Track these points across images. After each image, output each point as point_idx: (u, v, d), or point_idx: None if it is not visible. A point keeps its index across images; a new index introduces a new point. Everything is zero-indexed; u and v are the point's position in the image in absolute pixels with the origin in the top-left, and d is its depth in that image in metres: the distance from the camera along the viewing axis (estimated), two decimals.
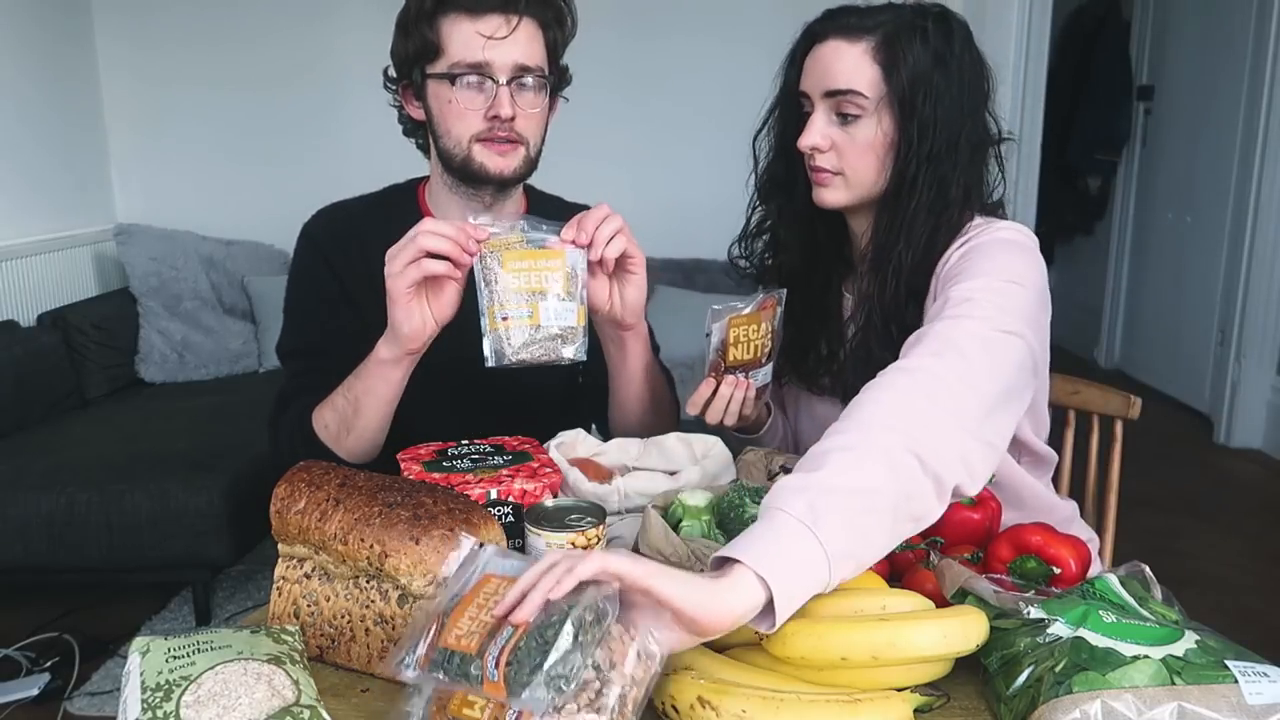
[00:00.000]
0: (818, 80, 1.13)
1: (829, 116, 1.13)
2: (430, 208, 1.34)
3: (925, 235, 1.13)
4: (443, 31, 1.20)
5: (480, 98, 1.21)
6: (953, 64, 1.11)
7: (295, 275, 1.36)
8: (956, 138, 1.11)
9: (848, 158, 1.14)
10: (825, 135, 1.13)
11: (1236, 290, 3.82)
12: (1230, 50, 3.89)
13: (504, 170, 1.24)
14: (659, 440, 1.21)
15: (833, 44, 1.12)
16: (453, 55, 1.20)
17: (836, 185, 1.16)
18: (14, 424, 2.79)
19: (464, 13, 1.19)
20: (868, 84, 1.10)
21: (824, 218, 1.22)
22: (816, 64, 1.14)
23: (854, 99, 1.11)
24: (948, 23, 1.13)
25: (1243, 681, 0.72)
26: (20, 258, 3.20)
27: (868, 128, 1.12)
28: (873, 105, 1.11)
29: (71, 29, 3.55)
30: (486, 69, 1.19)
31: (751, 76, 4.19)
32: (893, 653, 0.77)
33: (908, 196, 1.12)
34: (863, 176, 1.14)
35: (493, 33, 1.18)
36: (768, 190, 1.27)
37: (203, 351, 3.38)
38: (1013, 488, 1.22)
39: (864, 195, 1.16)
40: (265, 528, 0.92)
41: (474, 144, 1.23)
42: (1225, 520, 3.24)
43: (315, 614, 0.89)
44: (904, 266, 1.13)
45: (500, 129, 1.22)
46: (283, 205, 2.85)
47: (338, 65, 3.65)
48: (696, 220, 3.70)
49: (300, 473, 0.91)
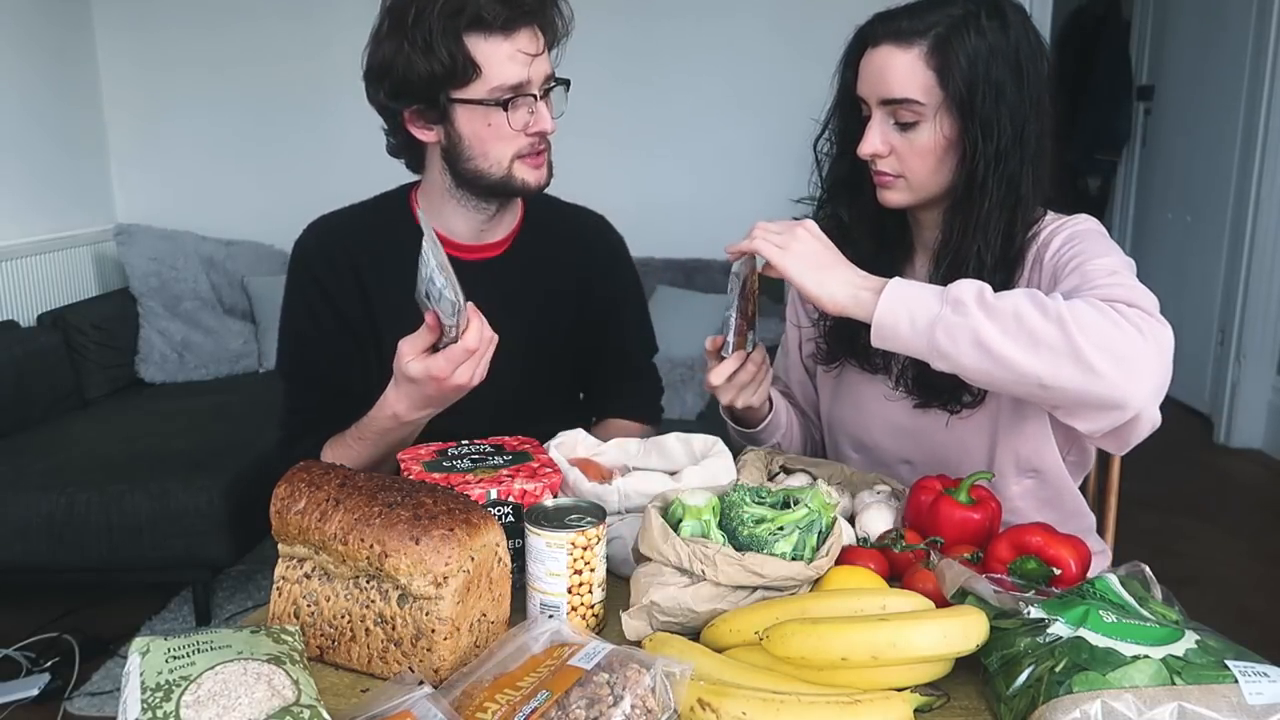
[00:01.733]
0: (873, 88, 1.13)
1: (887, 122, 1.13)
2: (427, 215, 1.33)
3: (1000, 234, 1.14)
4: (475, 52, 1.14)
5: (525, 117, 1.20)
6: (1011, 55, 1.10)
7: (288, 297, 1.35)
8: (1021, 129, 1.11)
9: (908, 162, 1.14)
10: (884, 142, 1.14)
11: (1236, 290, 3.82)
12: (1230, 50, 3.89)
13: (542, 181, 1.26)
14: (659, 440, 1.21)
15: (885, 50, 1.11)
16: (493, 78, 1.15)
17: (899, 188, 1.17)
18: (14, 424, 2.79)
19: (498, 32, 1.14)
20: (923, 91, 1.10)
21: (892, 211, 1.23)
22: (871, 70, 1.13)
23: (910, 107, 1.11)
24: (1002, 12, 1.11)
25: (1243, 681, 0.72)
26: (20, 258, 3.20)
27: (926, 133, 1.12)
28: (930, 111, 1.10)
29: (72, 29, 3.56)
30: (528, 86, 1.18)
31: (753, 76, 4.20)
32: (893, 653, 0.77)
33: (980, 197, 1.12)
34: (924, 179, 1.15)
35: (528, 49, 1.16)
36: (834, 190, 1.27)
37: (203, 351, 3.38)
38: (1054, 484, 1.24)
39: (927, 195, 1.17)
40: (265, 528, 0.92)
41: (515, 162, 1.22)
42: (1225, 520, 3.24)
43: (315, 614, 0.89)
44: (985, 265, 1.14)
45: (541, 143, 1.22)
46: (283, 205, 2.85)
47: (338, 65, 3.61)
48: (696, 220, 3.70)
49: (300, 473, 0.91)
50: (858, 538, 1.09)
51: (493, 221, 1.32)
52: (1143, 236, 4.73)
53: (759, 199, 3.68)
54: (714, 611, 0.90)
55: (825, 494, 0.97)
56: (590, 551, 0.90)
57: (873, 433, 1.30)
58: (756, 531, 0.91)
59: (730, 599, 0.90)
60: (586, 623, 0.92)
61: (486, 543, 0.87)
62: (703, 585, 0.90)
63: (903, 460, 1.30)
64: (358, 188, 1.44)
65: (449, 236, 1.32)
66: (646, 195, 3.58)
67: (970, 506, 1.06)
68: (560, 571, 0.90)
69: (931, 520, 1.06)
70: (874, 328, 0.99)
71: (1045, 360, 0.94)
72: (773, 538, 0.90)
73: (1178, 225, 4.37)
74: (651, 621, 0.91)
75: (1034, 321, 0.94)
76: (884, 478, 1.20)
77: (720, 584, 0.89)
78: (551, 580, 0.90)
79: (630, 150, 3.68)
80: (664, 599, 0.89)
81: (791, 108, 3.29)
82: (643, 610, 0.90)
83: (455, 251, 1.32)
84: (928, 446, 1.25)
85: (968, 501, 1.06)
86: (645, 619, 0.91)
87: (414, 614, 0.84)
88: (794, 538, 0.91)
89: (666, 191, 3.71)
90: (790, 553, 0.90)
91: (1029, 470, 1.23)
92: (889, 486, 1.18)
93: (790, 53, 3.50)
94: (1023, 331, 0.94)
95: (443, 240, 1.32)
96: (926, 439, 1.25)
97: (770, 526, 0.91)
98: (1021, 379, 0.95)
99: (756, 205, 3.68)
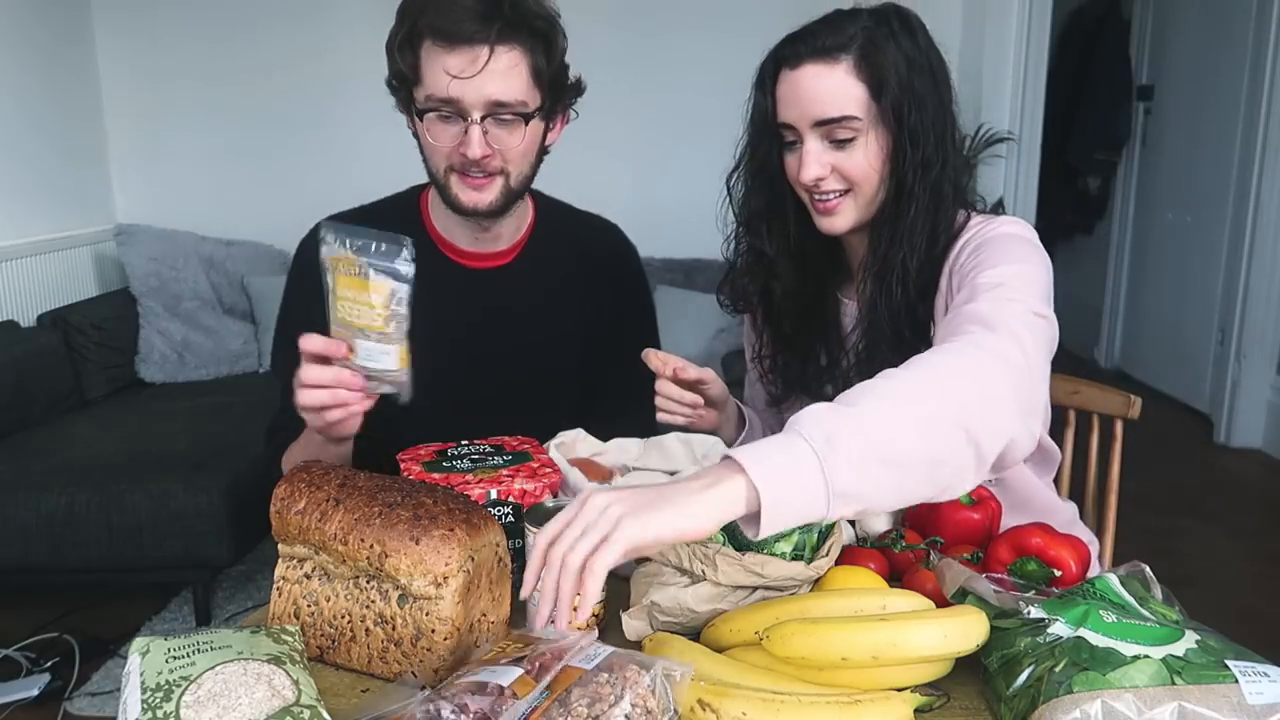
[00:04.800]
0: (803, 110, 1.09)
1: (822, 144, 1.10)
2: (433, 219, 1.32)
3: (925, 238, 1.12)
4: (420, 59, 1.15)
5: (452, 134, 1.16)
6: (924, 63, 1.09)
7: (288, 293, 1.35)
8: (942, 134, 1.10)
9: (853, 176, 1.11)
10: (823, 164, 1.10)
11: (1236, 290, 3.82)
12: (1230, 50, 3.89)
13: (478, 204, 1.21)
14: (659, 440, 1.21)
15: (810, 69, 1.08)
16: (427, 87, 1.15)
17: (845, 209, 1.13)
18: (14, 424, 2.79)
19: (438, 43, 1.13)
20: (858, 106, 1.07)
21: (815, 237, 1.20)
22: (797, 92, 1.09)
23: (847, 124, 1.08)
24: (908, 20, 1.11)
25: (1243, 681, 0.72)
26: (20, 258, 3.20)
27: (864, 147, 1.10)
28: (866, 126, 1.08)
29: (72, 34, 3.55)
30: (458, 105, 1.14)
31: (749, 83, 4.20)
32: (893, 653, 0.77)
33: (906, 205, 1.11)
34: (869, 192, 1.13)
35: (460, 70, 1.11)
36: (753, 224, 1.23)
37: (203, 351, 3.38)
38: (1019, 489, 1.21)
39: (873, 211, 1.14)
40: (265, 528, 0.92)
41: (449, 175, 1.20)
42: (1225, 520, 3.24)
43: (315, 614, 0.89)
44: (910, 272, 1.12)
45: (473, 167, 1.17)
46: (283, 205, 2.85)
47: (338, 65, 3.64)
48: (696, 220, 3.67)
49: (300, 473, 0.91)
50: (858, 538, 1.09)
51: (490, 232, 1.30)
52: (1143, 236, 4.73)
53: None
54: (714, 611, 0.90)
55: None
56: None
57: None
58: None
59: (730, 599, 0.90)
60: (587, 623, 0.92)
61: (487, 543, 0.87)
62: (703, 585, 0.90)
63: None
64: (358, 187, 1.44)
65: (452, 242, 1.31)
66: (647, 195, 3.57)
67: (970, 506, 1.06)
68: None
69: (931, 520, 1.06)
70: (765, 518, 0.73)
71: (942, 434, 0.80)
72: (773, 538, 0.90)
73: (1178, 225, 4.37)
74: (652, 622, 0.91)
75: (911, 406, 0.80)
76: None
77: (720, 584, 0.89)
78: None
79: (631, 151, 3.68)
80: (664, 599, 0.89)
81: None
82: (643, 610, 0.90)
83: (458, 259, 1.32)
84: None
85: (968, 501, 1.06)
86: (645, 619, 0.91)
87: (414, 614, 0.84)
88: (794, 538, 0.91)
89: (667, 192, 3.71)
90: (790, 553, 0.90)
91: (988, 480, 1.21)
92: None
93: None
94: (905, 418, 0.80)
95: (446, 246, 1.32)
96: None
97: None
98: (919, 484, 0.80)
99: None
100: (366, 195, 1.38)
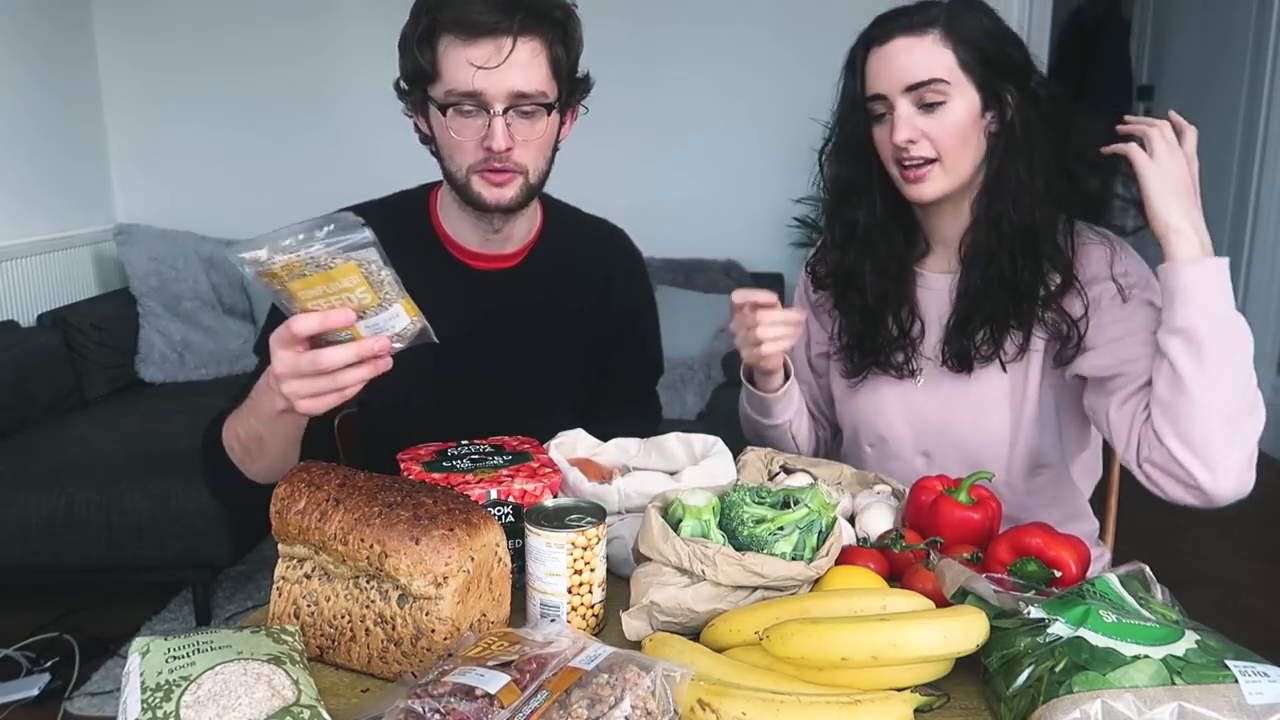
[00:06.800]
0: (895, 78, 1.16)
1: (913, 109, 1.16)
2: (442, 219, 1.32)
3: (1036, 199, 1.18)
4: (439, 54, 1.15)
5: (475, 127, 1.16)
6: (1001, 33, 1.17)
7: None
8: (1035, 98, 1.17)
9: (941, 142, 1.17)
10: (914, 127, 1.16)
11: (1237, 290, 3.81)
12: (1230, 50, 3.89)
13: (500, 200, 1.21)
14: (659, 440, 1.21)
15: (900, 42, 1.16)
16: (447, 82, 1.15)
17: (934, 176, 1.19)
18: (14, 424, 2.79)
19: (457, 36, 1.13)
20: (946, 69, 1.15)
21: (898, 211, 1.27)
22: (887, 64, 1.17)
23: (937, 86, 1.15)
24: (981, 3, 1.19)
25: (1243, 681, 0.72)
26: (20, 258, 3.20)
27: (954, 111, 1.16)
28: (955, 89, 1.15)
29: (71, 31, 3.56)
30: (481, 98, 1.14)
31: (751, 81, 4.20)
32: (893, 653, 0.77)
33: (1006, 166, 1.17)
34: (958, 158, 1.18)
35: (485, 61, 1.12)
36: (846, 196, 1.29)
37: (203, 351, 3.38)
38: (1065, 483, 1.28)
39: (962, 179, 1.20)
40: (265, 528, 0.92)
41: (471, 174, 1.19)
42: (1225, 520, 3.23)
43: (315, 614, 0.89)
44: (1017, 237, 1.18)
45: (496, 160, 1.17)
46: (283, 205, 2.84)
47: (339, 65, 3.65)
48: (696, 220, 3.70)
49: (300, 473, 0.91)
50: (858, 538, 1.09)
51: (501, 233, 1.29)
52: (1142, 236, 4.72)
53: (757, 199, 3.69)
54: (714, 611, 0.90)
55: (825, 494, 0.97)
56: (590, 552, 0.90)
57: (894, 426, 1.32)
58: (756, 531, 0.91)
59: (730, 599, 0.90)
60: (587, 623, 0.92)
61: (486, 543, 0.87)
62: (703, 585, 0.90)
63: (921, 452, 1.31)
64: (358, 187, 1.44)
65: (460, 243, 1.31)
66: (647, 195, 3.58)
67: (970, 506, 1.06)
68: (560, 572, 0.90)
69: (931, 520, 1.06)
70: (1190, 262, 1.09)
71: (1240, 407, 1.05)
72: (773, 538, 0.90)
73: None
74: (651, 621, 0.91)
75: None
76: (884, 478, 1.20)
77: (720, 584, 0.89)
78: (551, 580, 0.90)
79: (631, 151, 3.68)
80: (664, 599, 0.89)
81: (788, 111, 3.29)
82: (643, 610, 0.90)
83: (464, 259, 1.31)
84: (951, 437, 1.28)
85: (968, 501, 1.06)
86: (645, 619, 0.91)
87: (414, 614, 0.84)
88: (794, 538, 0.91)
89: (667, 192, 3.71)
90: (790, 553, 0.90)
91: (1043, 466, 1.26)
92: (889, 486, 1.18)
93: (787, 58, 3.52)
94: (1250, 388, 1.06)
95: (453, 246, 1.32)
96: (950, 430, 1.27)
97: (770, 526, 0.91)
98: (1222, 398, 1.05)
99: (755, 205, 3.69)
100: (368, 194, 1.38)
